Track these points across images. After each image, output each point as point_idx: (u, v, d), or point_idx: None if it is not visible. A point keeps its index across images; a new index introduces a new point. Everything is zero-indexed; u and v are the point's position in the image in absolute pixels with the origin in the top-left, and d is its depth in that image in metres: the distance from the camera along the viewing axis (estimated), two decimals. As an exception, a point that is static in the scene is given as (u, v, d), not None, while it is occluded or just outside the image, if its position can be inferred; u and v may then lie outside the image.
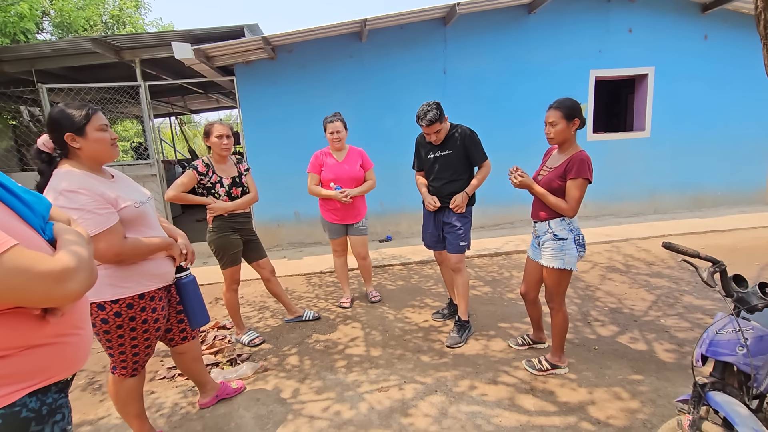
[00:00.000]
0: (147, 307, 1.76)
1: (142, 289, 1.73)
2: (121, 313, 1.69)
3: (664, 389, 2.25)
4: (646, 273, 4.08)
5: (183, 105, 10.01)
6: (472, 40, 5.57)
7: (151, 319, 1.78)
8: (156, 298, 1.81)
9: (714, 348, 1.40)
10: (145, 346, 1.82)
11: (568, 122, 2.20)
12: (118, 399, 1.90)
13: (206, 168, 2.75)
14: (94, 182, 1.61)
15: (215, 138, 2.72)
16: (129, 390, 1.88)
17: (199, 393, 2.35)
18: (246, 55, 5.03)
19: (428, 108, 2.71)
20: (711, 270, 1.42)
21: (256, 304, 3.87)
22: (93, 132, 1.61)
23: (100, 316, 1.67)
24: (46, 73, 5.72)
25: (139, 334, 1.77)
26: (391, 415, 2.18)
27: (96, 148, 1.63)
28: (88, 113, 1.60)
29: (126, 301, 1.69)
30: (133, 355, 1.81)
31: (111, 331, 1.70)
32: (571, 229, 2.29)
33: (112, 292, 1.66)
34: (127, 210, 1.65)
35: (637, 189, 6.29)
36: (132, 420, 1.96)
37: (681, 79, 6.01)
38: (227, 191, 2.80)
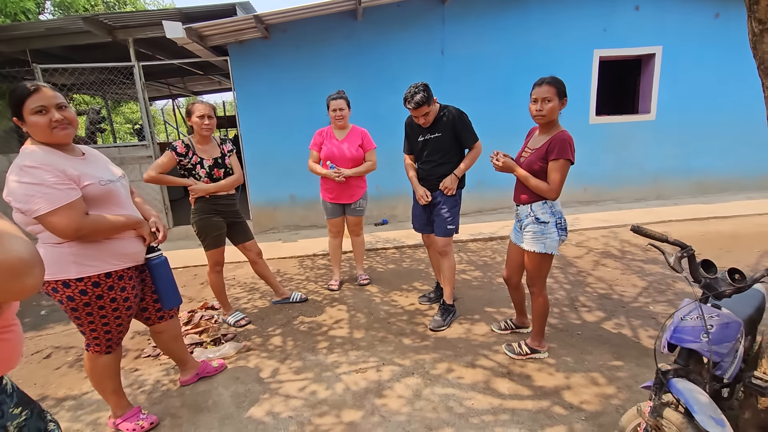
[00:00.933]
0: (115, 286, 1.76)
1: (108, 267, 1.73)
2: (87, 291, 1.69)
3: (642, 375, 2.23)
4: (641, 259, 4.01)
5: (183, 86, 9.96)
6: (470, 19, 5.41)
7: (120, 298, 1.79)
8: (125, 277, 1.81)
9: (678, 335, 1.36)
10: (116, 324, 1.84)
11: (559, 100, 2.13)
12: (94, 375, 1.93)
13: (186, 149, 2.72)
14: (58, 159, 1.60)
15: (196, 118, 2.68)
16: (104, 366, 1.91)
17: (180, 371, 2.38)
18: (239, 35, 4.94)
19: (415, 90, 2.63)
20: (678, 255, 1.38)
21: (247, 286, 3.90)
22: (28, 116, 1.54)
23: (66, 294, 1.67)
24: (44, 53, 5.70)
25: (108, 313, 1.78)
26: (365, 395, 2.19)
27: (34, 132, 1.57)
28: (21, 95, 1.52)
29: (92, 279, 1.69)
30: (105, 333, 1.83)
31: (78, 308, 1.71)
32: (553, 213, 2.24)
33: (77, 270, 1.66)
34: (91, 188, 1.64)
35: (640, 173, 6.14)
36: (109, 396, 1.99)
37: (689, 59, 5.79)
38: (208, 172, 2.77)
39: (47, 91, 1.56)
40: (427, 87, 2.66)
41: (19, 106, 1.53)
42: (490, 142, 2.83)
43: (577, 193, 6.05)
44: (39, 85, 1.55)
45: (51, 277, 1.65)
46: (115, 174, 1.83)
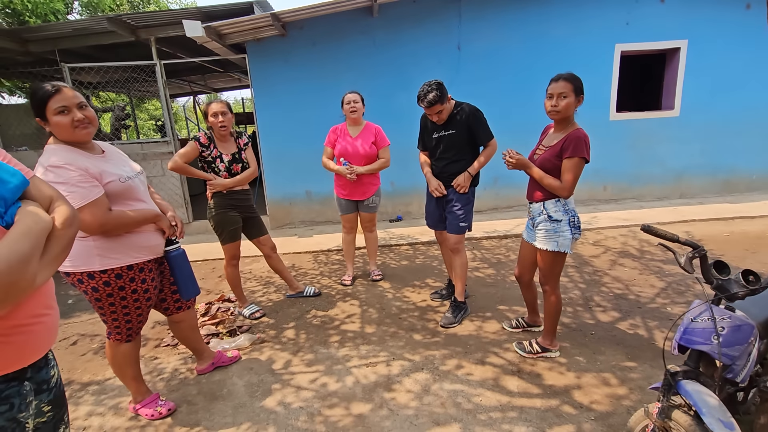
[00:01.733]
0: (136, 278, 1.84)
1: (130, 260, 1.81)
2: (110, 283, 1.77)
3: (656, 377, 2.19)
4: (661, 259, 3.91)
5: (204, 84, 10.16)
6: (488, 14, 5.35)
7: (140, 289, 1.87)
8: (145, 269, 1.88)
9: (688, 336, 1.34)
10: (137, 315, 1.92)
11: (576, 96, 2.10)
12: (114, 362, 2.02)
13: (208, 141, 2.80)
14: (80, 157, 1.67)
15: (211, 117, 2.75)
16: (124, 354, 2.00)
17: (197, 360, 2.47)
18: (257, 32, 5.02)
19: (429, 88, 2.63)
20: (690, 255, 1.35)
21: (262, 279, 3.98)
22: (51, 116, 1.59)
23: (91, 285, 1.76)
24: (71, 52, 5.92)
25: (129, 303, 1.86)
26: (374, 389, 2.23)
27: (58, 132, 1.63)
28: (44, 96, 1.57)
29: (115, 271, 1.77)
30: (126, 322, 1.91)
31: (102, 298, 1.80)
32: (566, 211, 2.21)
33: (101, 263, 1.74)
34: (112, 185, 1.72)
35: (663, 171, 5.97)
36: (129, 381, 2.08)
37: (717, 53, 5.58)
38: (227, 167, 2.85)
39: (68, 91, 1.61)
40: (440, 85, 2.65)
41: (42, 107, 1.58)
42: (507, 139, 2.81)
43: (597, 191, 5.93)
44: (60, 86, 1.59)
45: (76, 269, 1.73)
46: (134, 170, 1.90)
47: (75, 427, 2.07)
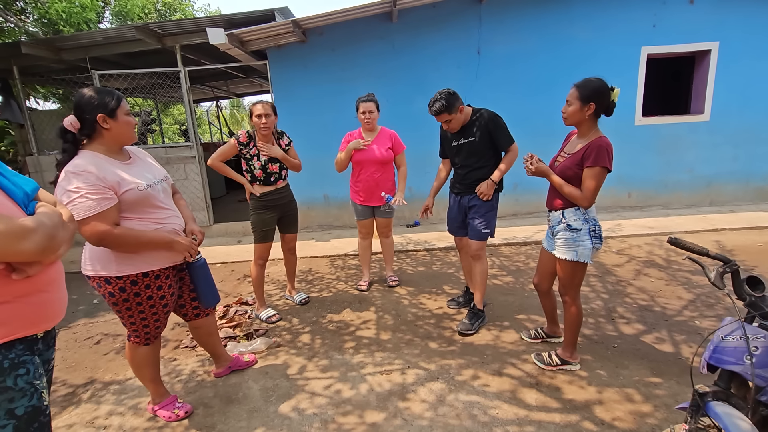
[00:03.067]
0: (152, 285, 1.86)
1: (146, 267, 1.82)
2: (125, 289, 1.80)
3: (683, 395, 2.10)
4: (689, 270, 3.76)
5: (226, 89, 10.38)
6: (509, 17, 5.28)
7: (156, 296, 1.89)
8: (162, 276, 1.89)
9: (718, 355, 1.28)
10: (154, 320, 1.94)
11: (582, 104, 2.06)
12: (133, 364, 2.06)
13: (248, 139, 2.93)
14: (104, 165, 1.70)
15: (255, 118, 2.88)
16: (142, 357, 2.03)
17: (214, 363, 2.50)
18: (278, 39, 5.10)
19: (438, 97, 2.64)
20: (720, 270, 1.29)
21: (279, 283, 4.02)
22: (122, 115, 1.75)
23: (107, 290, 1.80)
24: (101, 60, 6.14)
25: (145, 309, 1.89)
26: (389, 397, 2.20)
27: (123, 130, 1.76)
28: (119, 98, 1.74)
29: (130, 278, 1.79)
30: (144, 326, 1.94)
31: (118, 303, 1.83)
32: (586, 220, 2.15)
33: (117, 269, 1.77)
34: (129, 193, 1.73)
35: (691, 178, 5.76)
36: (147, 383, 2.12)
37: (749, 56, 5.35)
38: (263, 165, 2.96)
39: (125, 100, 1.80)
40: (450, 95, 2.64)
41: (116, 107, 1.72)
42: (528, 144, 2.76)
43: (622, 197, 5.76)
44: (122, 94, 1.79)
45: (95, 273, 1.78)
46: (157, 177, 1.91)
47: (96, 426, 2.13)
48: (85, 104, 1.68)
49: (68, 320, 3.49)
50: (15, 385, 1.05)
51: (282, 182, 3.12)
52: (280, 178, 3.08)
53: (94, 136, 1.73)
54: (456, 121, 2.71)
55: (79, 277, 1.51)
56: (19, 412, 1.05)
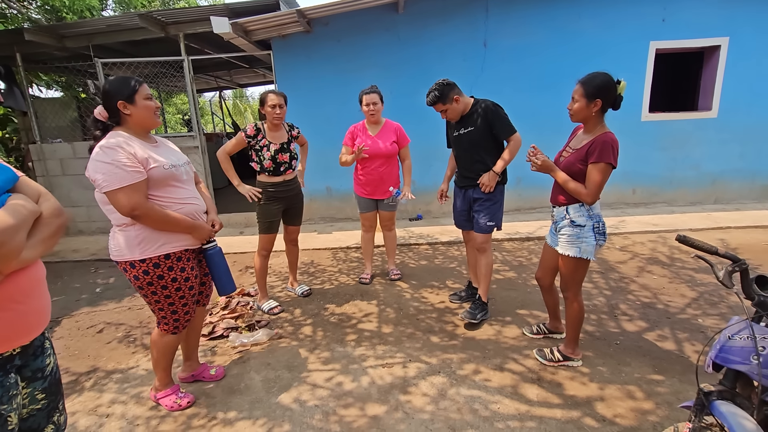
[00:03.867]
0: (174, 267, 1.90)
1: (167, 249, 1.87)
2: (148, 272, 1.84)
3: (685, 393, 2.09)
4: (692, 268, 3.74)
5: (229, 79, 10.33)
6: (516, 10, 5.21)
7: (180, 278, 1.92)
8: (183, 258, 1.94)
9: (725, 354, 1.26)
10: (181, 305, 1.97)
11: (588, 101, 2.03)
12: (155, 349, 2.08)
13: (256, 132, 2.97)
14: (134, 143, 1.79)
15: (269, 107, 2.90)
16: (167, 345, 2.06)
17: (183, 363, 2.38)
18: (282, 29, 5.05)
19: (433, 87, 2.68)
20: (729, 269, 1.27)
21: (281, 275, 4.02)
22: (141, 100, 1.80)
23: (133, 273, 1.85)
24: (104, 48, 6.10)
25: (172, 292, 1.91)
26: (390, 391, 2.21)
27: (143, 115, 1.82)
28: (135, 84, 1.80)
29: (152, 260, 1.84)
30: (172, 312, 1.97)
31: (143, 287, 1.88)
32: (590, 216, 2.13)
33: (140, 252, 1.82)
34: (156, 170, 1.80)
35: (697, 175, 5.71)
36: (160, 370, 2.13)
37: (760, 52, 5.28)
38: (272, 155, 2.98)
39: (146, 85, 1.84)
40: (444, 85, 2.66)
41: (134, 93, 1.78)
42: (534, 138, 2.72)
43: (626, 194, 5.72)
44: (141, 80, 1.83)
45: (120, 258, 1.84)
46: (180, 160, 1.99)
47: (98, 414, 2.14)
48: (107, 93, 1.78)
49: (71, 309, 3.51)
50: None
51: (291, 173, 3.12)
52: (289, 167, 3.08)
53: (121, 122, 1.83)
54: (453, 111, 2.70)
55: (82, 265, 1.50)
56: None
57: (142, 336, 2.97)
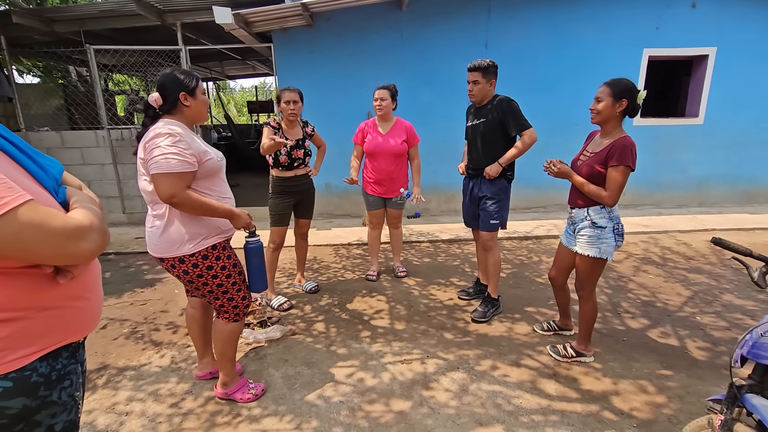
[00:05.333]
0: (221, 256, 1.91)
1: (214, 241, 1.88)
2: (198, 264, 1.84)
3: (693, 387, 2.20)
4: (684, 267, 3.92)
5: (221, 70, 10.12)
6: (517, 12, 5.29)
7: (229, 264, 1.93)
8: (227, 247, 1.97)
9: (757, 350, 1.34)
10: (236, 290, 1.97)
11: (614, 101, 2.10)
12: (219, 340, 2.06)
13: (277, 127, 2.99)
14: (191, 134, 1.81)
15: (284, 104, 2.92)
16: (229, 333, 2.05)
17: (198, 362, 2.37)
18: (284, 22, 4.98)
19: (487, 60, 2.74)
20: (764, 270, 1.35)
21: (286, 270, 3.99)
22: (200, 95, 1.85)
23: (182, 269, 1.84)
24: (94, 34, 5.88)
25: (223, 280, 1.92)
26: (412, 386, 2.24)
27: (200, 109, 1.87)
28: (198, 79, 1.86)
29: (201, 253, 1.84)
30: (228, 300, 1.97)
31: (194, 280, 1.87)
32: (611, 218, 2.21)
33: (189, 247, 1.81)
34: (211, 162, 1.82)
35: (684, 179, 5.95)
36: (226, 362, 2.11)
37: (745, 62, 5.53)
38: (288, 151, 3.00)
39: None
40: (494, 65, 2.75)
41: (197, 85, 1.84)
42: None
43: (615, 195, 5.90)
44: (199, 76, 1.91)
45: (168, 255, 1.83)
46: (218, 155, 1.98)
47: (117, 412, 2.09)
48: (170, 83, 1.79)
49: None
50: (59, 399, 0.96)
51: (303, 168, 3.13)
52: (303, 163, 3.10)
53: (174, 111, 1.82)
54: (481, 90, 2.75)
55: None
56: (57, 428, 0.96)
57: (150, 332, 2.90)
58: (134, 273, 4.07)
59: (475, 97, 2.80)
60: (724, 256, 4.13)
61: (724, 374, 2.30)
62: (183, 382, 2.32)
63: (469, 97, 2.84)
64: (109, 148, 5.38)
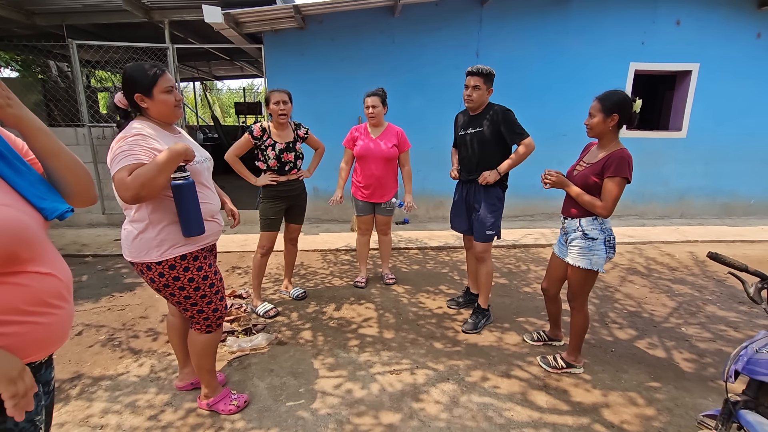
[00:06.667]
0: (190, 267, 1.79)
1: (183, 250, 1.76)
2: (164, 274, 1.74)
3: (681, 399, 2.21)
4: (669, 278, 3.97)
5: (208, 70, 9.97)
6: (508, 23, 5.35)
7: (198, 277, 1.81)
8: (200, 257, 1.83)
9: (752, 366, 1.34)
10: (205, 303, 1.86)
11: (605, 116, 2.12)
12: (194, 352, 1.96)
13: (261, 132, 2.91)
14: (160, 130, 1.71)
15: (273, 105, 2.85)
16: (203, 345, 1.95)
17: (179, 371, 2.27)
18: (275, 23, 4.92)
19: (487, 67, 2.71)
20: (759, 285, 1.35)
21: (271, 276, 3.90)
22: (159, 94, 1.67)
23: (149, 276, 1.75)
24: (76, 28, 5.71)
25: (191, 293, 1.81)
26: (402, 398, 2.19)
27: (161, 109, 1.71)
28: (155, 75, 1.65)
29: (168, 262, 1.73)
30: (198, 312, 1.87)
31: (161, 289, 1.78)
32: (602, 230, 2.21)
33: (157, 254, 1.71)
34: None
35: (666, 191, 6.08)
36: (204, 373, 2.01)
37: (726, 78, 5.70)
38: (277, 155, 2.93)
39: (168, 73, 1.71)
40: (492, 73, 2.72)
41: (152, 85, 1.65)
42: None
43: (601, 205, 5.99)
44: (164, 68, 1.69)
45: (138, 260, 1.73)
46: (202, 155, 1.89)
47: (91, 425, 1.98)
48: (124, 83, 1.67)
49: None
50: (15, 426, 0.91)
51: (296, 172, 3.07)
52: (294, 167, 3.03)
53: (142, 111, 1.72)
54: (479, 96, 2.71)
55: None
56: None
57: (128, 339, 2.78)
58: (113, 276, 3.92)
59: (473, 103, 2.75)
60: (707, 268, 4.21)
61: (710, 386, 2.32)
62: (162, 392, 2.22)
63: (465, 102, 2.78)
64: (89, 147, 5.20)
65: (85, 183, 1.12)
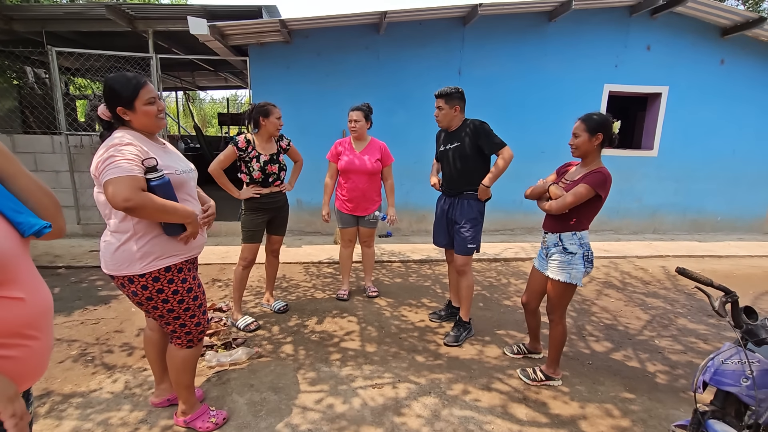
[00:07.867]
0: (175, 279, 1.76)
1: (168, 262, 1.74)
2: (147, 286, 1.71)
3: (655, 410, 2.27)
4: (642, 292, 4.10)
5: (191, 80, 9.90)
6: (489, 43, 5.54)
7: (182, 289, 1.78)
8: (184, 269, 1.81)
9: (718, 377, 1.40)
10: (188, 316, 1.83)
11: (590, 135, 2.21)
12: (173, 367, 1.92)
13: (246, 144, 2.92)
14: (144, 140, 1.70)
15: (275, 118, 2.91)
16: (184, 360, 1.90)
17: (155, 388, 2.20)
18: (261, 37, 4.96)
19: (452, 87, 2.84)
20: (723, 300, 1.42)
21: (253, 289, 3.85)
22: (141, 106, 1.66)
23: (131, 289, 1.71)
24: (56, 35, 5.62)
25: (174, 306, 1.77)
26: (384, 412, 2.18)
27: (143, 121, 1.69)
28: (137, 88, 1.64)
29: (152, 274, 1.70)
30: (180, 326, 1.83)
31: (143, 302, 1.74)
32: (581, 245, 2.29)
33: (140, 266, 1.68)
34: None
35: (639, 207, 6.31)
36: (182, 390, 1.96)
37: (694, 101, 6.01)
38: (262, 167, 2.94)
39: (150, 84, 1.70)
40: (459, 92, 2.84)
41: (134, 97, 1.63)
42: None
43: (578, 220, 6.17)
44: (145, 78, 1.69)
45: (119, 273, 1.69)
46: (187, 166, 1.87)
47: (60, 445, 1.90)
48: (106, 96, 1.66)
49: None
50: None
51: (279, 184, 3.08)
52: (278, 179, 3.04)
53: (125, 123, 1.71)
54: (445, 116, 2.83)
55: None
56: None
57: (102, 354, 2.69)
58: (87, 289, 3.79)
59: (440, 122, 2.90)
60: (678, 282, 4.37)
61: (682, 397, 2.40)
62: (137, 409, 2.15)
63: (437, 117, 2.90)
64: (66, 155, 5.08)
65: (49, 212, 1.04)
